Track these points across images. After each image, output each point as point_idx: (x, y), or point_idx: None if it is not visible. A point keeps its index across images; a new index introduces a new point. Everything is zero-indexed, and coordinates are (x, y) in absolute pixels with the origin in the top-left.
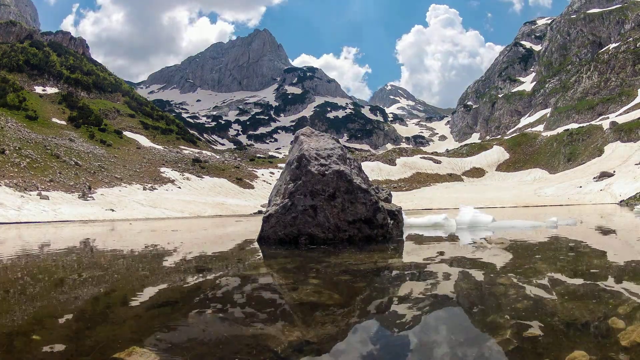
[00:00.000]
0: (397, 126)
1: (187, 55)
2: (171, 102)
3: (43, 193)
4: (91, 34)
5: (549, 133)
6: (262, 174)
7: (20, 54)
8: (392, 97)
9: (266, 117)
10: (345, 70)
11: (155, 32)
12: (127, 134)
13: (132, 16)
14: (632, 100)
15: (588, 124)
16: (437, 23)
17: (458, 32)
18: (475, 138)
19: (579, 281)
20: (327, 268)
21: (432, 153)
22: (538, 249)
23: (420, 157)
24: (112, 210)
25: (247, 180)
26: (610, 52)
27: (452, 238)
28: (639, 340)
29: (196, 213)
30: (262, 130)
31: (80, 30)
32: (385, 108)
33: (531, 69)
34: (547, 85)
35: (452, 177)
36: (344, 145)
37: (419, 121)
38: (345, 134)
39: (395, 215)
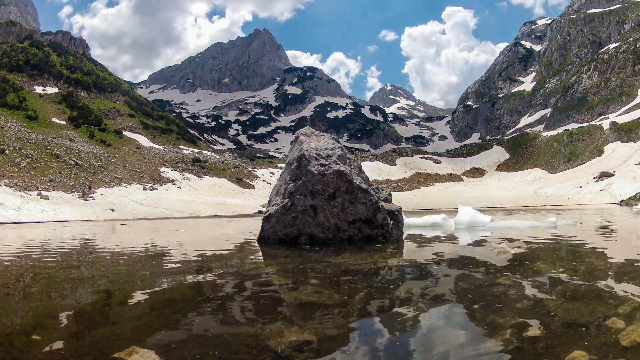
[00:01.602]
0: (397, 126)
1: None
2: (171, 102)
3: (43, 193)
4: (97, 28)
5: (549, 133)
6: (262, 174)
7: (20, 54)
8: (392, 97)
9: (266, 117)
10: (368, 66)
11: (166, 27)
12: (127, 134)
13: (141, 8)
14: (632, 100)
15: (588, 124)
16: (452, 23)
17: (473, 35)
18: (475, 138)
19: (578, 281)
20: (327, 268)
21: (432, 153)
22: (538, 249)
23: (420, 157)
24: (112, 210)
25: (247, 180)
26: (610, 52)
27: (451, 238)
28: (639, 340)
29: (196, 213)
30: (262, 130)
31: (79, 21)
32: (385, 108)
33: (531, 69)
34: (547, 85)
35: (452, 177)
36: (344, 145)
37: (419, 121)
38: (345, 134)
39: (395, 215)
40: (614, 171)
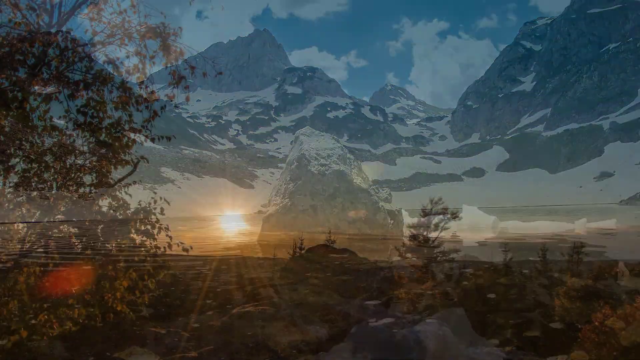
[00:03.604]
0: (397, 126)
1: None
2: (171, 102)
3: (43, 193)
4: (99, 20)
5: (549, 133)
6: (262, 174)
7: (19, 53)
8: (392, 97)
9: (266, 117)
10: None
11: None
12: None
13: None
14: (632, 100)
15: (588, 124)
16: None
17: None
18: (475, 138)
19: (579, 281)
20: (327, 268)
21: (432, 153)
22: (542, 250)
23: (420, 157)
24: (113, 210)
25: (247, 180)
26: (610, 52)
27: (453, 239)
28: (639, 340)
29: (196, 213)
30: (262, 130)
31: (80, 15)
32: (385, 108)
33: (531, 69)
34: (547, 85)
35: (452, 177)
36: (344, 145)
37: (419, 121)
38: (345, 134)
39: (395, 215)
40: (614, 171)
